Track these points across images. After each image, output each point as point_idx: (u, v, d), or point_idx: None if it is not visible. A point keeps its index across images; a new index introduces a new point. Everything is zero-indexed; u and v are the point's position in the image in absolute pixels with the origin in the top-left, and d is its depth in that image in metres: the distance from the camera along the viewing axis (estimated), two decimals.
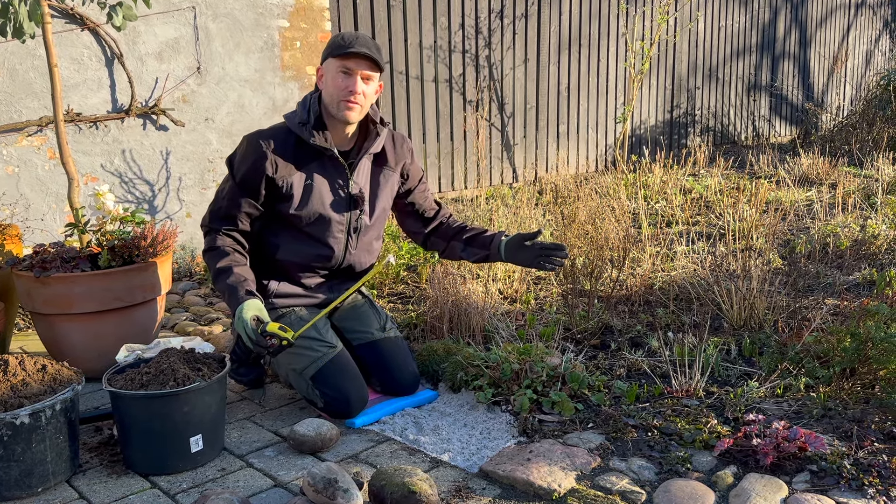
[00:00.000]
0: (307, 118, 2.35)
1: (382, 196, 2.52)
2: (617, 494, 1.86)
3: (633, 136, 6.90)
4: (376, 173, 2.50)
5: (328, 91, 2.32)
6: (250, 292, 2.26)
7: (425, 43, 5.34)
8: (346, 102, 2.29)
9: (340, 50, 2.27)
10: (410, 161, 2.59)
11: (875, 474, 1.86)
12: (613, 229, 3.13)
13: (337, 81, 2.29)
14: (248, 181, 2.34)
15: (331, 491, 1.74)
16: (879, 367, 2.26)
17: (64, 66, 3.70)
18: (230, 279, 2.28)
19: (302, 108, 2.37)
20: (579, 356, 2.64)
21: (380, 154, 2.50)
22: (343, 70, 2.29)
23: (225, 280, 2.29)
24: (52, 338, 2.71)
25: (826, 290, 3.32)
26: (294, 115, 2.38)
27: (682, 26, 7.07)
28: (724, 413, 2.23)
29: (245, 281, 2.29)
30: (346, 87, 2.28)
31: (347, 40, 2.28)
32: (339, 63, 2.28)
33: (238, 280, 2.28)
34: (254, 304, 2.23)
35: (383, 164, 2.51)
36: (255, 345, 2.18)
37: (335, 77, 2.30)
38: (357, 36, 2.29)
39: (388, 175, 2.53)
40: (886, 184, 5.21)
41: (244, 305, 2.22)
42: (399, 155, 2.55)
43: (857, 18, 9.26)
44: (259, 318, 2.20)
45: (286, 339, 2.19)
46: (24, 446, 1.88)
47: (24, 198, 3.66)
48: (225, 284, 2.28)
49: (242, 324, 2.19)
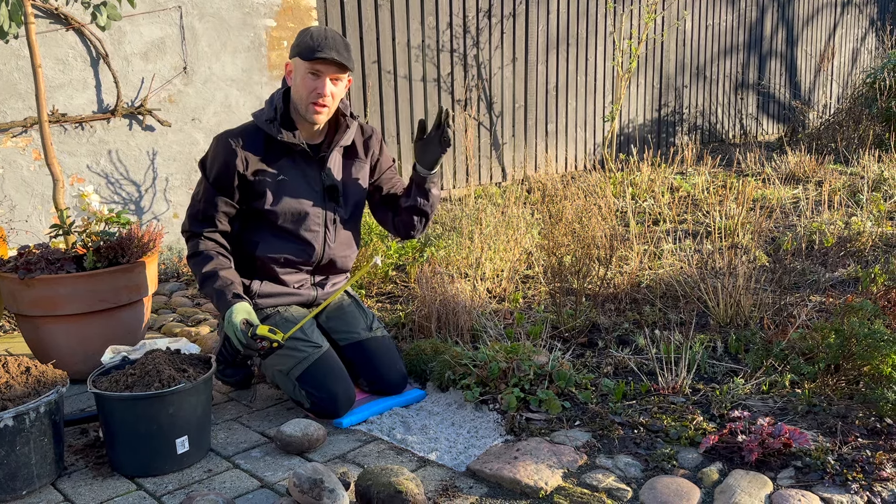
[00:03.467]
0: (274, 115, 2.37)
1: (356, 188, 2.54)
2: (603, 492, 1.86)
3: (621, 135, 6.92)
4: (348, 165, 2.52)
5: (297, 91, 2.34)
6: (238, 295, 2.28)
7: (413, 42, 5.33)
8: (315, 105, 2.32)
9: (310, 53, 2.27)
10: (379, 152, 2.61)
11: (859, 469, 1.87)
12: (601, 228, 3.14)
13: (306, 83, 2.31)
14: (221, 180, 2.35)
15: (316, 491, 1.74)
16: (863, 363, 2.28)
17: (48, 66, 3.68)
18: (217, 283, 2.29)
19: (269, 106, 2.40)
20: (567, 354, 2.65)
21: (350, 147, 2.53)
22: (311, 72, 2.30)
23: (212, 285, 2.30)
24: (37, 340, 2.69)
25: (811, 287, 3.34)
26: (262, 113, 2.40)
27: (669, 25, 7.10)
28: (709, 410, 2.24)
29: (232, 284, 2.30)
30: (315, 90, 2.30)
31: (316, 42, 2.27)
32: (308, 65, 2.30)
33: (225, 284, 2.29)
34: (243, 308, 2.25)
35: (354, 156, 2.54)
36: (245, 348, 2.20)
37: (304, 78, 2.31)
38: (325, 36, 2.29)
39: (360, 167, 2.55)
40: (872, 181, 5.25)
41: (233, 309, 2.23)
42: (368, 146, 2.57)
43: (844, 17, 9.32)
44: (248, 322, 2.22)
45: (276, 342, 2.21)
46: (7, 449, 1.87)
47: (8, 199, 3.64)
48: (212, 289, 2.30)
49: (232, 327, 2.21)
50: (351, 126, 2.48)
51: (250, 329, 2.20)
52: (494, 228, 3.68)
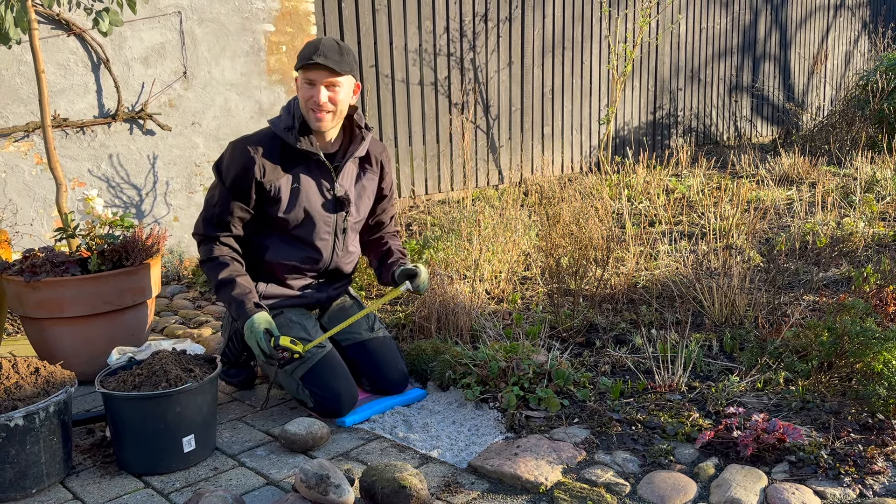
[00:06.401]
0: (292, 123, 2.40)
1: (366, 198, 2.59)
2: (602, 487, 1.90)
3: (616, 138, 6.97)
4: (359, 176, 2.57)
5: (300, 101, 2.39)
6: (258, 305, 2.33)
7: (410, 46, 5.38)
8: (314, 113, 2.36)
9: (302, 62, 2.32)
10: (388, 169, 2.66)
11: (851, 464, 1.92)
12: (597, 229, 3.18)
13: (303, 92, 2.35)
14: (238, 186, 2.37)
15: (323, 487, 1.77)
16: (856, 360, 2.32)
17: (50, 71, 3.71)
18: (235, 291, 2.33)
19: (287, 114, 2.43)
20: (565, 354, 2.69)
21: (364, 158, 2.56)
22: (307, 81, 2.34)
23: (230, 292, 2.33)
24: (42, 341, 2.72)
25: (805, 286, 3.39)
26: (279, 121, 2.43)
27: (664, 28, 7.15)
28: (705, 407, 2.28)
29: (250, 293, 2.34)
30: (311, 98, 2.34)
31: (308, 50, 2.32)
32: (303, 75, 2.35)
33: (244, 292, 2.33)
34: (264, 318, 2.29)
35: (367, 168, 2.58)
36: (268, 358, 2.25)
37: (302, 88, 2.36)
38: (318, 45, 2.33)
39: (371, 178, 2.59)
40: (864, 182, 5.31)
41: (254, 319, 2.28)
42: (380, 161, 2.62)
43: (837, 20, 9.39)
44: (269, 332, 2.27)
45: (297, 353, 2.26)
46: (18, 448, 1.91)
47: (12, 203, 3.67)
48: (230, 296, 2.33)
49: (256, 337, 2.25)
50: (366, 138, 2.52)
51: (272, 339, 2.25)
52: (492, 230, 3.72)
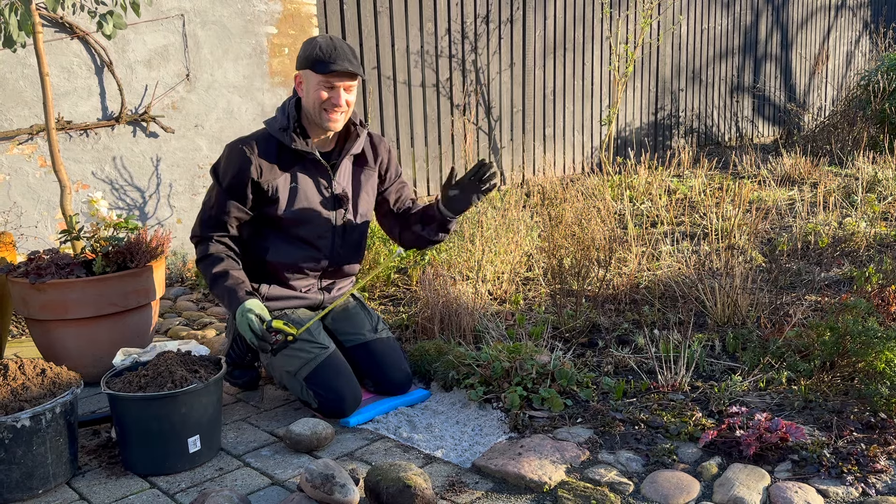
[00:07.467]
0: (287, 123, 2.42)
1: (365, 195, 2.60)
2: (606, 486, 1.91)
3: (618, 139, 6.98)
4: (357, 173, 2.58)
5: (311, 102, 2.38)
6: (250, 293, 2.33)
7: (412, 48, 5.39)
8: (328, 113, 2.37)
9: (323, 67, 2.32)
10: (388, 160, 2.66)
11: (854, 462, 1.92)
12: (599, 230, 3.19)
13: (320, 95, 2.35)
14: (235, 186, 2.39)
15: (328, 486, 1.78)
16: (858, 359, 2.33)
17: (54, 74, 3.72)
18: (227, 282, 2.34)
19: (281, 114, 2.44)
20: (568, 354, 2.70)
21: (360, 155, 2.58)
22: (326, 86, 2.35)
23: (223, 283, 2.34)
24: (47, 343, 2.74)
25: (807, 286, 3.40)
26: (274, 121, 2.45)
27: (665, 29, 7.16)
28: (708, 406, 2.29)
29: (243, 283, 2.35)
30: (331, 100, 2.35)
31: (326, 54, 2.32)
32: (322, 78, 2.34)
33: (236, 282, 2.34)
34: (255, 303, 2.30)
35: (364, 164, 2.59)
36: (260, 340, 2.24)
37: (317, 90, 2.35)
38: (335, 47, 2.33)
39: (369, 174, 2.60)
40: (866, 182, 5.31)
41: (246, 304, 2.28)
42: (378, 154, 2.62)
43: (838, 20, 9.40)
44: (261, 317, 2.27)
45: (291, 335, 2.26)
46: (24, 449, 1.92)
47: (16, 206, 3.68)
48: (223, 288, 2.34)
49: (247, 321, 2.25)
50: (361, 135, 2.53)
51: (265, 322, 2.25)
52: (495, 231, 3.73)
